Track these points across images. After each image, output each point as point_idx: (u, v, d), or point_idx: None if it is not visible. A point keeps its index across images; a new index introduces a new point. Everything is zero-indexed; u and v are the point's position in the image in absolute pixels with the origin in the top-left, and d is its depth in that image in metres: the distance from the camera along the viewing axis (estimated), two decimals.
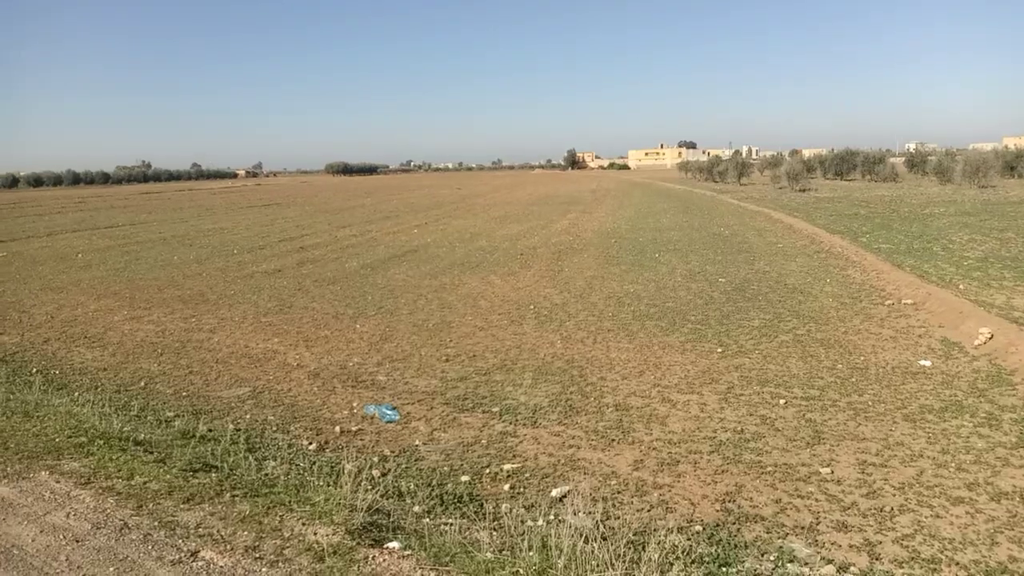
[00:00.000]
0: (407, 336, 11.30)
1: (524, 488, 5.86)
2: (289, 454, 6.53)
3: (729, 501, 5.58)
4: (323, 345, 10.95)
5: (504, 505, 5.32)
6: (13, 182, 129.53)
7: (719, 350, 9.88)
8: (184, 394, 8.71)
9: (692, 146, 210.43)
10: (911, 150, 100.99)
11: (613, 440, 6.88)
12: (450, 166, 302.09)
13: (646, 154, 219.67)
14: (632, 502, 5.57)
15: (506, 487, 5.87)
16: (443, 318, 12.47)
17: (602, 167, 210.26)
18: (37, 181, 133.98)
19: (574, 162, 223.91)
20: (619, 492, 5.74)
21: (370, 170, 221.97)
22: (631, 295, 13.76)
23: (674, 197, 47.18)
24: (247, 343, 11.18)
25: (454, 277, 16.74)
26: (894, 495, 5.57)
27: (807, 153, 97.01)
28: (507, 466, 6.29)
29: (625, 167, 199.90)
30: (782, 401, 7.80)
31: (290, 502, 4.77)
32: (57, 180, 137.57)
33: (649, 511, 5.40)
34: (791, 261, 17.36)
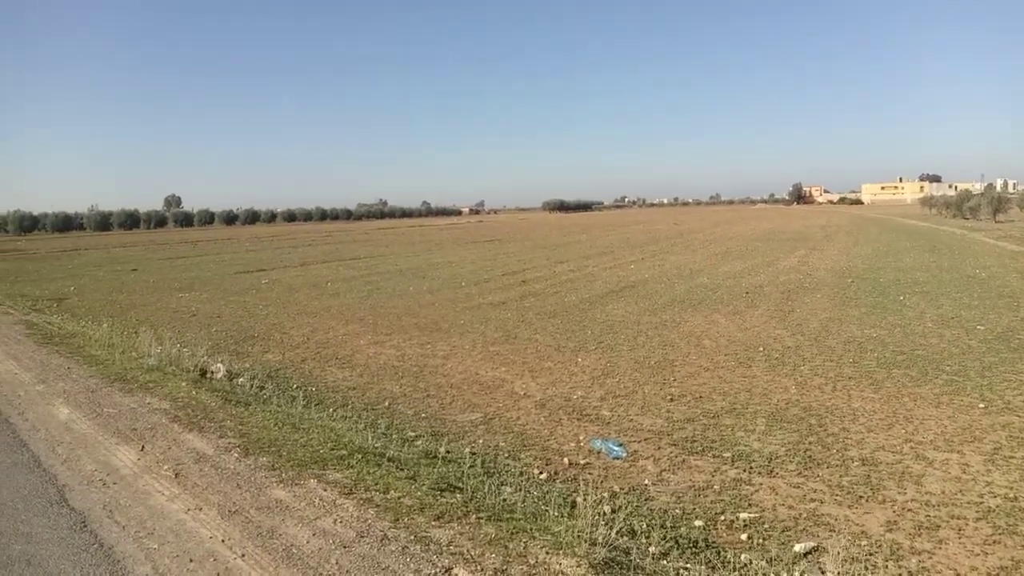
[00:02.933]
0: (629, 372, 11.24)
1: (763, 540, 5.55)
2: (522, 481, 6.71)
3: None
4: (547, 376, 11.20)
5: (744, 555, 5.08)
6: (272, 217, 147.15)
7: (981, 405, 8.81)
8: (423, 415, 9.29)
9: (936, 179, 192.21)
10: None
11: (861, 497, 6.33)
12: (665, 201, 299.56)
13: (882, 188, 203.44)
14: (887, 566, 5.08)
15: (743, 536, 5.60)
16: (665, 356, 12.27)
17: (831, 202, 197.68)
18: (291, 216, 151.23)
19: (800, 196, 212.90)
20: (871, 554, 5.26)
21: (585, 207, 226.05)
22: (874, 340, 12.70)
23: (917, 235, 43.16)
24: (477, 370, 11.72)
25: (675, 314, 16.46)
26: None
27: None
28: (743, 515, 6.00)
29: (858, 202, 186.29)
30: None
31: (531, 529, 4.89)
32: (308, 216, 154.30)
33: None
34: None
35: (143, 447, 6.94)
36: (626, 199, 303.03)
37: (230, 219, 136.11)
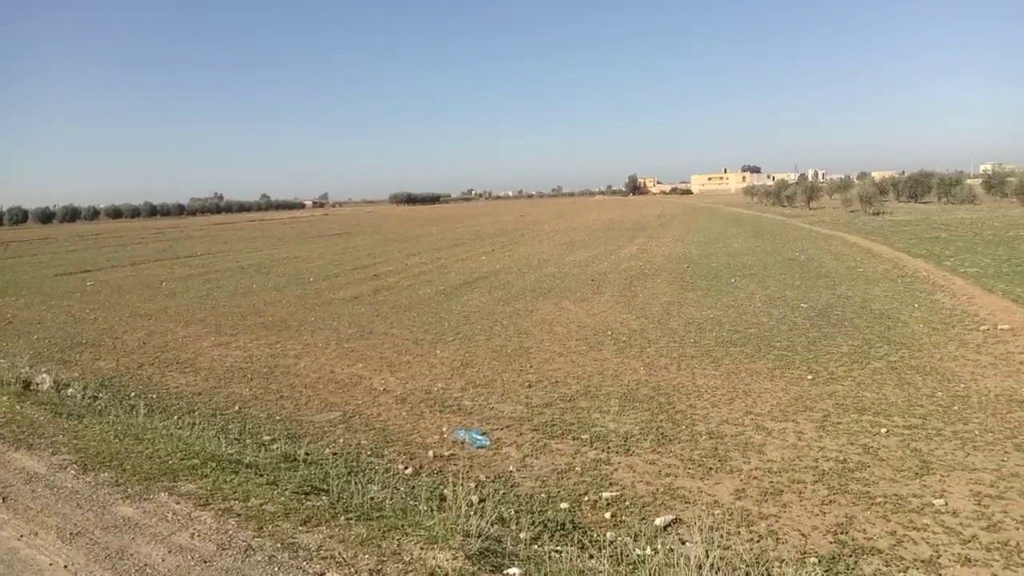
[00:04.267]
0: (487, 362, 11.37)
1: (626, 516, 5.81)
2: (388, 478, 6.62)
3: (841, 533, 5.42)
4: (406, 370, 11.10)
5: (609, 533, 5.29)
6: (94, 214, 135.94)
7: (809, 377, 9.65)
8: (277, 418, 8.93)
9: (756, 170, 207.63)
10: (988, 171, 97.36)
11: (711, 469, 6.77)
12: (510, 194, 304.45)
13: (709, 179, 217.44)
14: (740, 532, 5.47)
15: (607, 515, 5.83)
16: (521, 344, 12.51)
17: (664, 192, 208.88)
18: (116, 213, 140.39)
19: (635, 188, 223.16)
20: (724, 522, 5.64)
21: (433, 199, 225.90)
22: (711, 321, 13.57)
23: (743, 222, 46.49)
24: (332, 368, 11.42)
25: (527, 303, 16.80)
26: (1017, 529, 5.32)
27: (877, 176, 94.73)
28: (606, 494, 6.25)
29: (688, 192, 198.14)
30: (883, 430, 7.56)
31: (403, 526, 4.84)
32: (135, 212, 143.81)
33: (759, 542, 5.29)
34: (874, 286, 16.88)
35: None
36: (473, 192, 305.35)
37: (46, 217, 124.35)
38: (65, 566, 4.45)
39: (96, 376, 11.14)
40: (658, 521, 5.64)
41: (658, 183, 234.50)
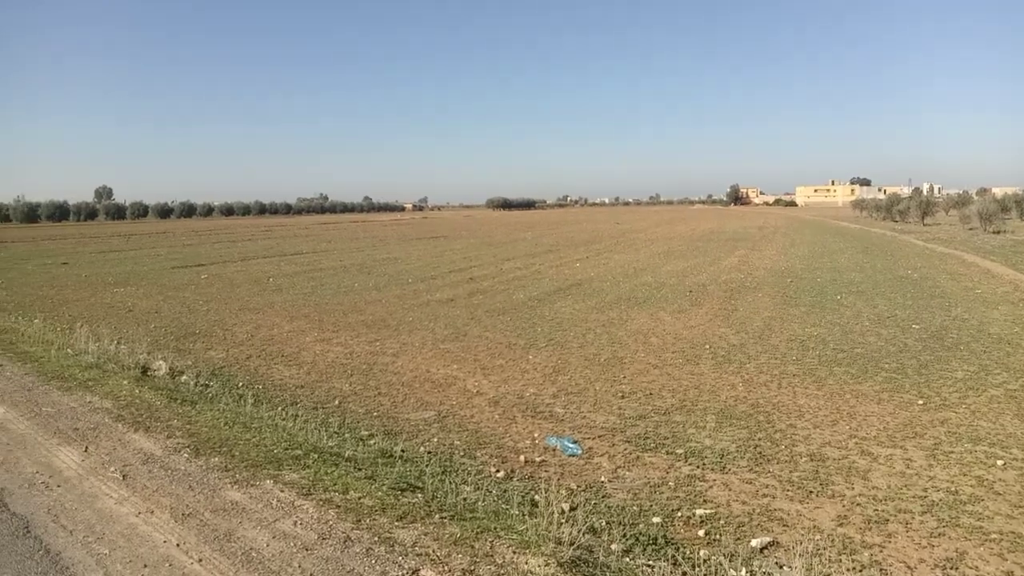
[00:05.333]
0: (579, 370, 11.33)
1: (720, 535, 5.66)
2: (480, 480, 6.69)
3: (951, 568, 5.11)
4: (499, 374, 11.19)
5: (703, 551, 5.17)
6: (208, 211, 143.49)
7: (920, 402, 9.16)
8: (375, 414, 9.17)
9: (866, 183, 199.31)
10: None
11: (811, 492, 6.51)
12: (606, 201, 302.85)
13: (815, 191, 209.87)
14: (841, 560, 5.24)
15: (701, 532, 5.70)
16: (614, 353, 12.41)
17: (767, 203, 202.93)
18: (229, 210, 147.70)
19: (737, 198, 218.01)
20: (824, 548, 5.41)
21: (528, 205, 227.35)
22: (815, 338, 13.08)
23: (850, 236, 44.63)
24: (428, 368, 11.64)
25: (621, 312, 16.65)
26: None
27: (998, 192, 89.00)
28: (699, 511, 6.11)
29: (792, 204, 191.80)
30: (1000, 462, 7.09)
31: (495, 528, 4.88)
32: (246, 210, 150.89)
33: (862, 571, 5.05)
34: (993, 309, 15.87)
35: (87, 448, 6.67)
36: (568, 198, 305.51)
37: (165, 212, 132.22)
38: (177, 544, 4.71)
39: (207, 365, 11.72)
40: (754, 543, 5.47)
41: (760, 193, 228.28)
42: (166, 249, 43.21)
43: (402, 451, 7.36)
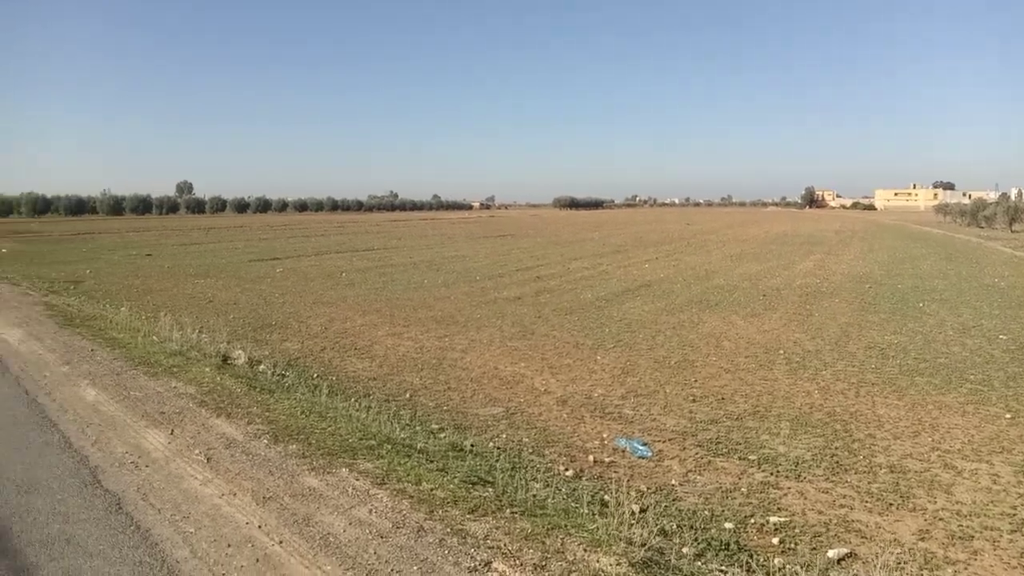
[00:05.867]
0: (649, 372, 11.22)
1: (795, 544, 5.53)
2: (549, 477, 6.70)
3: None
4: (567, 373, 11.18)
5: (777, 560, 5.06)
6: (283, 206, 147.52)
7: (1008, 416, 8.76)
8: (445, 408, 9.29)
9: (950, 187, 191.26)
10: None
11: (891, 504, 6.30)
12: (676, 201, 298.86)
13: (895, 194, 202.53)
14: (923, 575, 5.06)
15: (775, 540, 5.58)
16: (685, 356, 12.25)
17: (844, 206, 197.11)
18: (302, 206, 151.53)
19: (812, 200, 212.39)
20: (905, 562, 5.23)
21: (596, 204, 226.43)
22: (895, 347, 12.64)
23: (933, 242, 42.96)
24: (496, 365, 11.71)
25: (692, 315, 16.42)
26: None
27: None
28: (773, 518, 5.99)
29: (871, 207, 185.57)
30: None
31: (566, 526, 4.89)
32: (319, 206, 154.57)
33: None
34: None
35: (172, 431, 6.96)
36: (637, 198, 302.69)
37: (241, 207, 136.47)
38: (259, 526, 4.87)
39: (283, 356, 12.06)
40: (831, 553, 5.33)
41: (837, 196, 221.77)
42: (243, 243, 44.63)
43: (471, 446, 7.43)
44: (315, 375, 10.80)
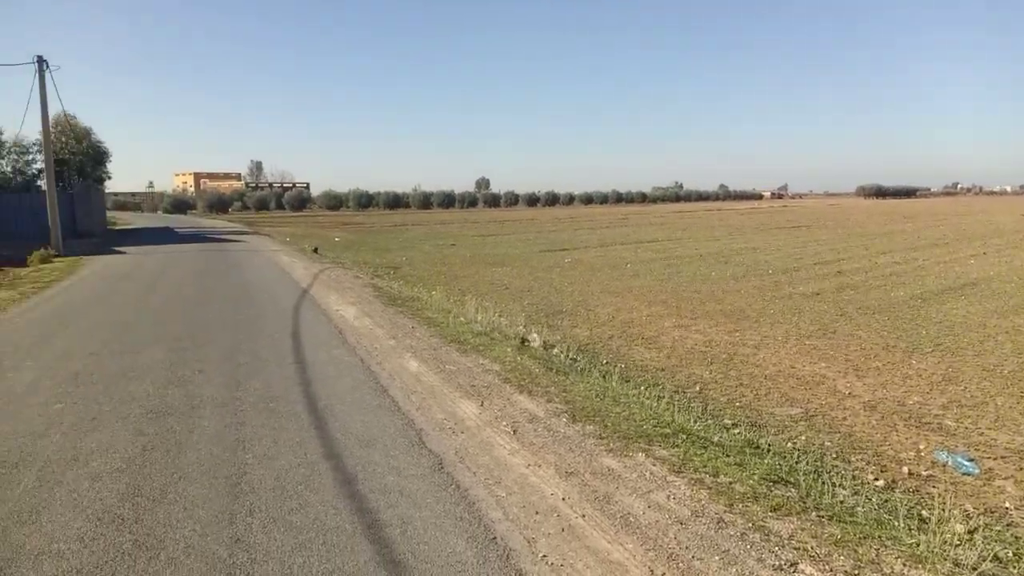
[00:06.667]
0: (976, 381, 9.92)
1: None
2: (856, 485, 6.24)
3: None
4: (875, 377, 10.28)
5: None
6: (570, 199, 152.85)
7: None
8: (737, 404, 9.04)
9: None
10: None
11: None
12: (1008, 189, 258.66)
13: None
14: None
15: None
16: (1022, 365, 10.63)
17: None
18: (588, 199, 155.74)
19: None
20: None
21: (907, 193, 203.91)
22: None
23: None
24: (792, 364, 11.13)
25: None
26: None
27: None
28: None
29: None
30: None
31: (879, 537, 4.53)
32: (604, 198, 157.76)
33: None
34: None
35: (482, 403, 7.61)
36: (959, 185, 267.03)
37: (532, 200, 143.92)
38: (563, 498, 5.16)
39: (574, 341, 12.55)
40: None
41: None
42: (533, 234, 47.08)
43: (769, 445, 7.16)
44: (604, 361, 11.11)
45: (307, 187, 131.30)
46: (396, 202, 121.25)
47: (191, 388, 8.37)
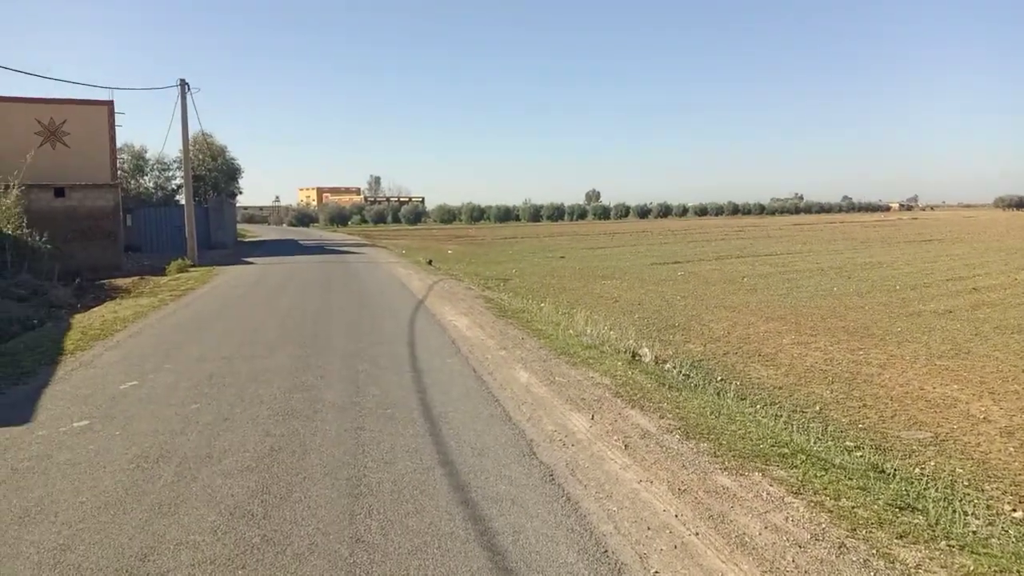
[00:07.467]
0: None
1: None
2: (990, 515, 5.88)
3: None
4: (1014, 401, 9.62)
5: None
6: (683, 211, 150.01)
7: None
8: (860, 426, 8.67)
9: None
10: None
11: None
12: None
13: None
14: None
15: None
16: None
17: None
18: (702, 211, 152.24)
19: None
20: None
21: None
22: None
23: None
24: (921, 385, 10.55)
25: None
26: None
27: None
28: None
29: None
30: None
31: (1018, 571, 4.26)
32: (719, 210, 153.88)
33: None
34: None
35: (592, 416, 7.63)
36: None
37: (643, 213, 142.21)
38: (675, 515, 5.12)
39: (687, 356, 12.36)
40: None
41: None
42: (645, 247, 46.55)
43: (894, 469, 6.84)
44: (719, 378, 10.88)
45: (422, 201, 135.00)
46: (506, 215, 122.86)
47: (314, 392, 8.81)
